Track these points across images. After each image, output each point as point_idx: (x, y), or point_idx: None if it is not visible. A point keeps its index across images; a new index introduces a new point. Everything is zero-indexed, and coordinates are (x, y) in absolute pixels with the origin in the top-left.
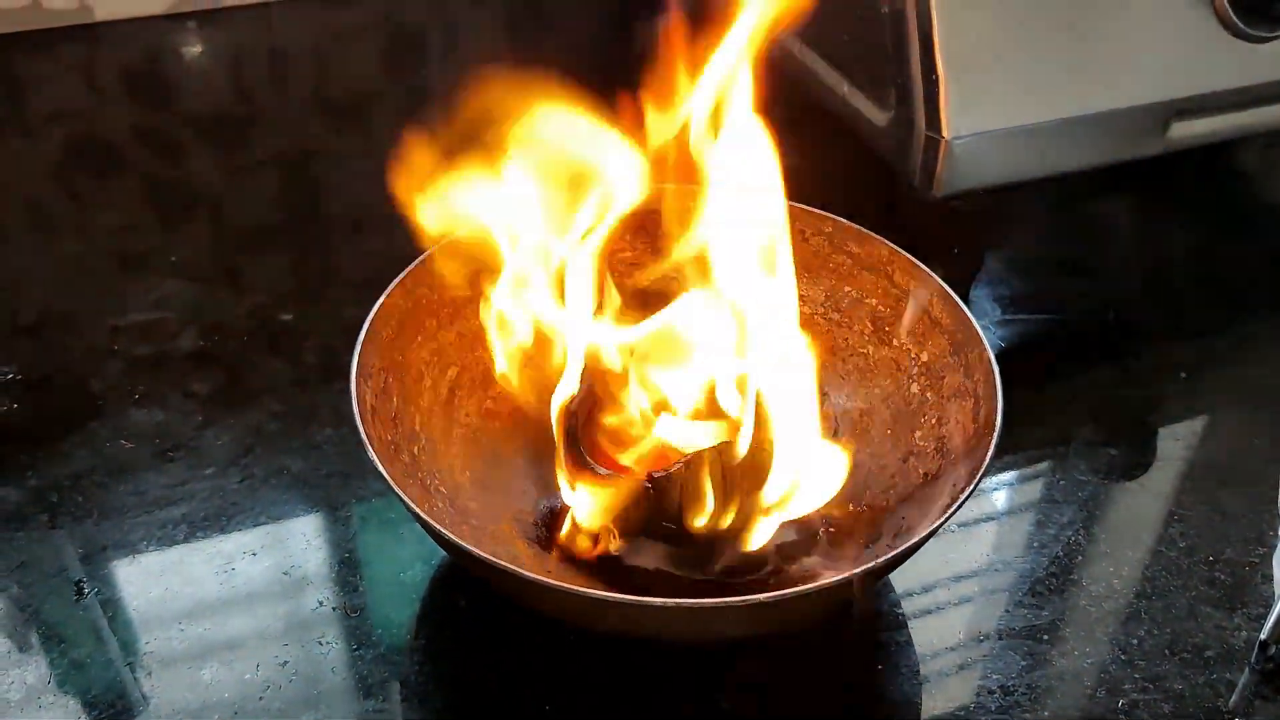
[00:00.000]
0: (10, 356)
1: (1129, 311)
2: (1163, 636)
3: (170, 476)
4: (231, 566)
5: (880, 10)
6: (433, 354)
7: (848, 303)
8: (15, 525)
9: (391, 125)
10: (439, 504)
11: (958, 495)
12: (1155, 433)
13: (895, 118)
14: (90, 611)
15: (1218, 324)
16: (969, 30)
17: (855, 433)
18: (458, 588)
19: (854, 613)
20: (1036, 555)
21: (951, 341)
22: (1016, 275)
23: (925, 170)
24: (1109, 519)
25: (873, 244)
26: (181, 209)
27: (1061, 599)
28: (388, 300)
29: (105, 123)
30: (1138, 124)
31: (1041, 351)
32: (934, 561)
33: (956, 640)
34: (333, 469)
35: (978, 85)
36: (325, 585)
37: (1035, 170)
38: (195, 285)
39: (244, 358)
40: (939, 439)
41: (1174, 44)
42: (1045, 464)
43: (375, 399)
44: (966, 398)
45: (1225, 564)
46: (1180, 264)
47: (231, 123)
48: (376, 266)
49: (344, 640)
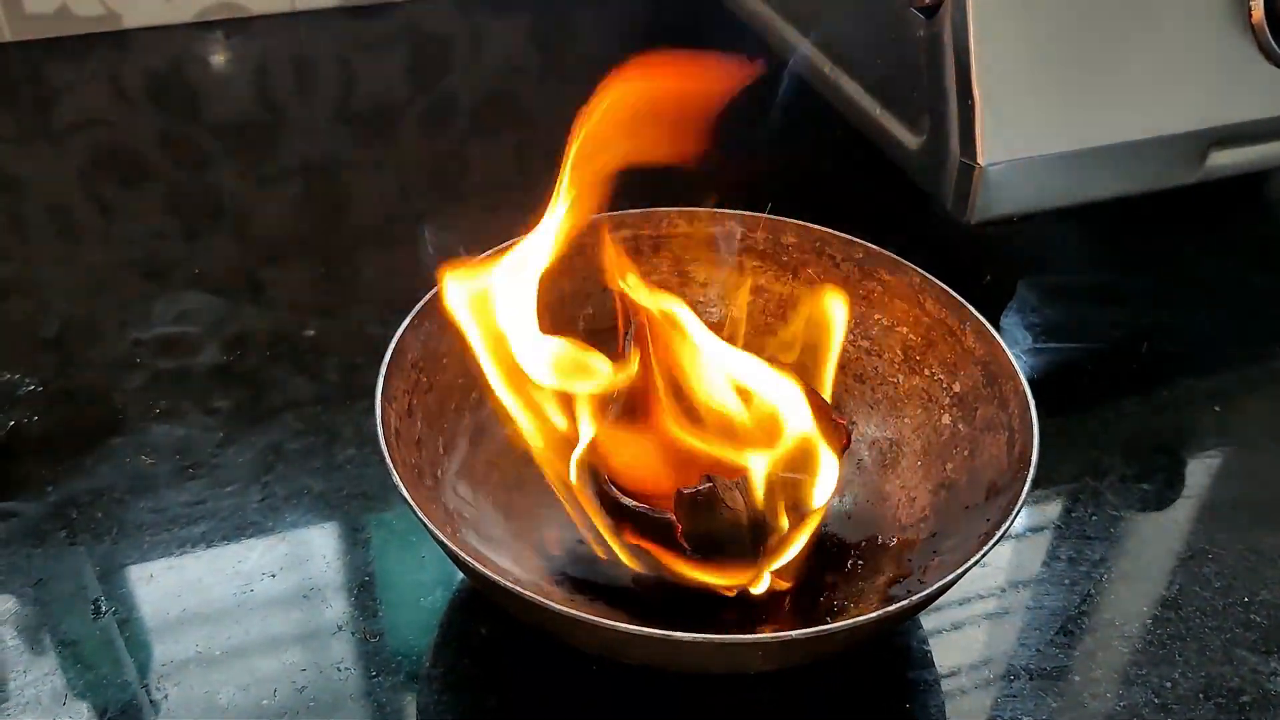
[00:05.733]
0: (33, 369)
1: (1162, 341)
2: (1197, 680)
3: (190, 494)
4: (250, 588)
5: (915, 34)
6: (457, 376)
7: (878, 330)
8: (34, 541)
9: (416, 136)
10: (462, 530)
11: (992, 532)
12: (1187, 467)
13: (928, 142)
14: (107, 631)
15: (1252, 355)
16: (1006, 57)
17: (884, 463)
18: (478, 614)
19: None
20: (1068, 593)
21: (985, 372)
22: (1049, 303)
23: (958, 196)
24: (1141, 556)
25: (904, 271)
26: (206, 219)
27: (1093, 639)
28: (413, 321)
29: (131, 131)
30: (1174, 153)
31: (1073, 381)
32: (964, 597)
33: (986, 679)
34: (354, 490)
35: (1013, 112)
36: (344, 609)
37: (1070, 198)
38: (218, 298)
39: (266, 374)
40: (972, 472)
41: (1212, 72)
42: (1077, 498)
43: (400, 422)
44: (1000, 430)
45: (1261, 605)
46: (1214, 293)
47: (257, 132)
48: (401, 281)
49: (362, 666)
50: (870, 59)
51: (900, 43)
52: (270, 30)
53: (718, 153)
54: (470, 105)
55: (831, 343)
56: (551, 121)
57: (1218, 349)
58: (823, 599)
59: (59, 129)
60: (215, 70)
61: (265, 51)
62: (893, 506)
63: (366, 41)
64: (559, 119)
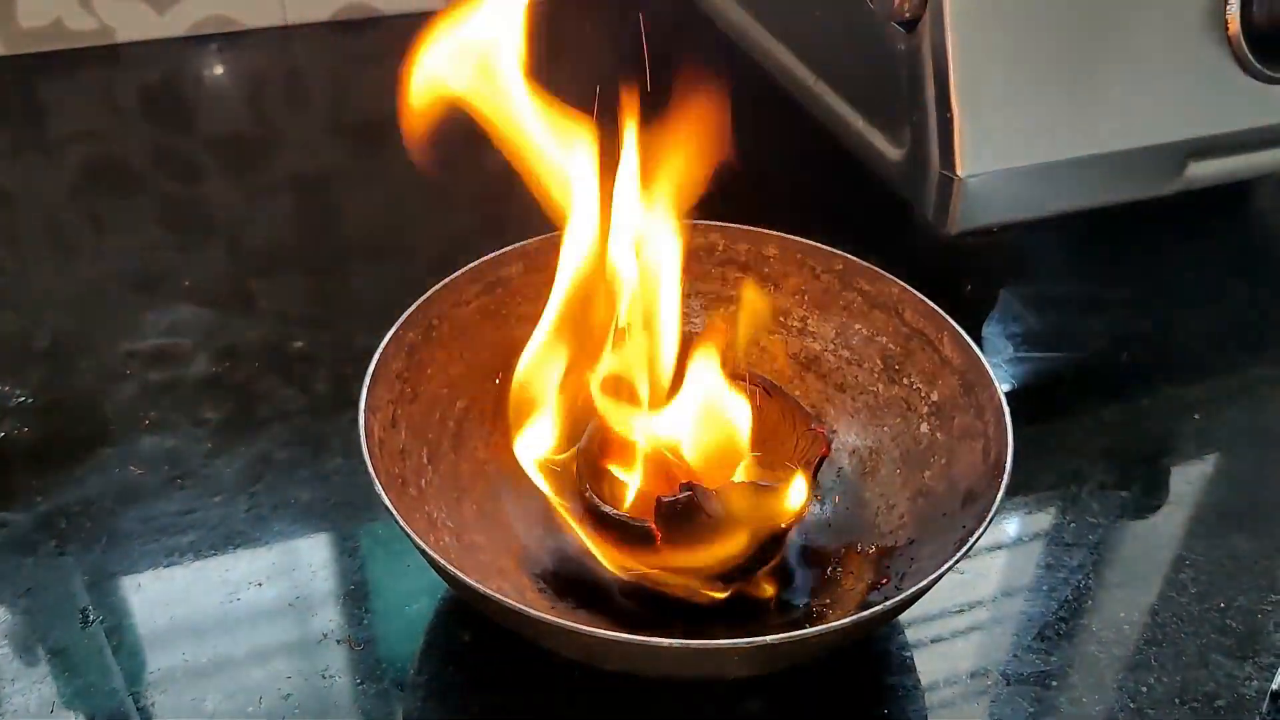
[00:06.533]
0: (23, 380)
1: (1142, 350)
2: (1173, 684)
3: (178, 504)
4: (237, 597)
5: (895, 48)
6: (442, 386)
7: (858, 340)
8: (24, 551)
9: (406, 149)
10: (445, 538)
11: (967, 538)
12: (1167, 474)
13: (909, 154)
14: (95, 639)
15: (1232, 364)
16: (984, 69)
17: (864, 471)
18: (462, 622)
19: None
20: (1046, 598)
21: (962, 381)
22: (1030, 312)
23: (939, 207)
24: (1119, 562)
25: (884, 282)
26: (198, 231)
27: (1070, 644)
28: (397, 333)
29: (124, 144)
30: (1153, 164)
31: (1054, 389)
32: (942, 603)
33: (963, 684)
34: (341, 499)
35: (992, 124)
36: (331, 617)
37: (1050, 208)
38: (208, 310)
39: (255, 385)
40: (949, 479)
41: (1190, 84)
42: (1056, 505)
43: (383, 432)
44: (976, 439)
45: (1237, 611)
46: (1195, 303)
47: (249, 145)
48: (389, 293)
49: (349, 674)
50: (851, 71)
51: (881, 56)
52: (262, 44)
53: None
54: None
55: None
56: None
57: (1197, 358)
58: (802, 605)
59: (52, 142)
60: (207, 84)
61: (257, 65)
62: (872, 514)
63: (358, 55)
64: None
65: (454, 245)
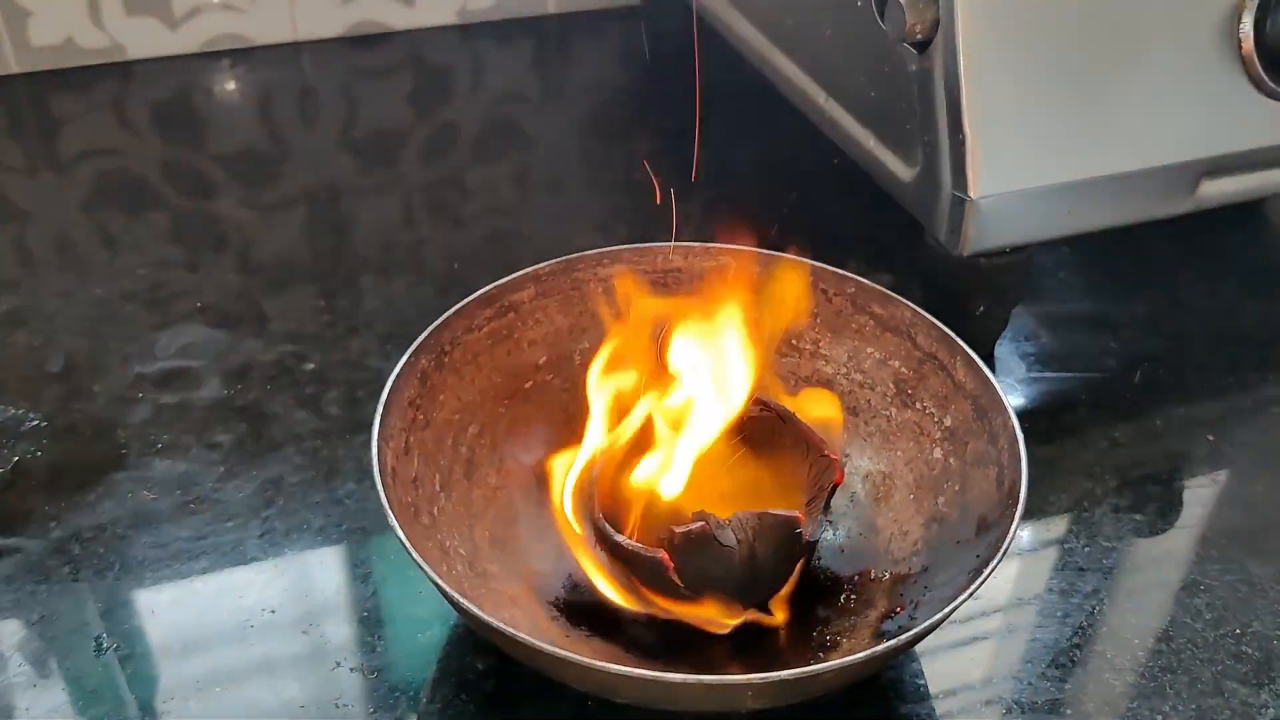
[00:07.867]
0: (37, 403)
1: (1155, 370)
2: (1188, 713)
3: (191, 529)
4: (250, 623)
5: (907, 69)
6: (454, 412)
7: (870, 364)
8: (38, 578)
9: (419, 165)
10: (458, 566)
11: (981, 568)
12: (1181, 497)
13: (921, 175)
14: (109, 665)
15: (1244, 384)
16: (996, 90)
17: (877, 496)
18: (475, 650)
19: None
20: (1060, 625)
21: (975, 407)
22: (1042, 332)
23: (951, 228)
24: (1133, 588)
25: (896, 306)
26: (209, 249)
27: (1085, 671)
28: (410, 360)
29: (136, 161)
30: (1166, 183)
31: (1067, 409)
32: (957, 629)
33: (979, 713)
34: (354, 524)
35: (1004, 145)
36: (344, 644)
37: (1063, 229)
38: (221, 331)
39: (267, 407)
40: (962, 506)
41: (1203, 103)
42: (1069, 529)
43: (396, 461)
44: (990, 465)
45: (1253, 637)
46: (1207, 321)
47: (261, 161)
48: (401, 313)
49: (361, 702)
50: (864, 92)
51: (893, 76)
52: (273, 60)
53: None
54: (472, 133)
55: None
56: (552, 148)
57: (1211, 378)
58: (816, 633)
59: (64, 159)
60: (219, 100)
61: (268, 81)
62: (885, 540)
63: (369, 70)
64: (559, 145)
65: (465, 261)
